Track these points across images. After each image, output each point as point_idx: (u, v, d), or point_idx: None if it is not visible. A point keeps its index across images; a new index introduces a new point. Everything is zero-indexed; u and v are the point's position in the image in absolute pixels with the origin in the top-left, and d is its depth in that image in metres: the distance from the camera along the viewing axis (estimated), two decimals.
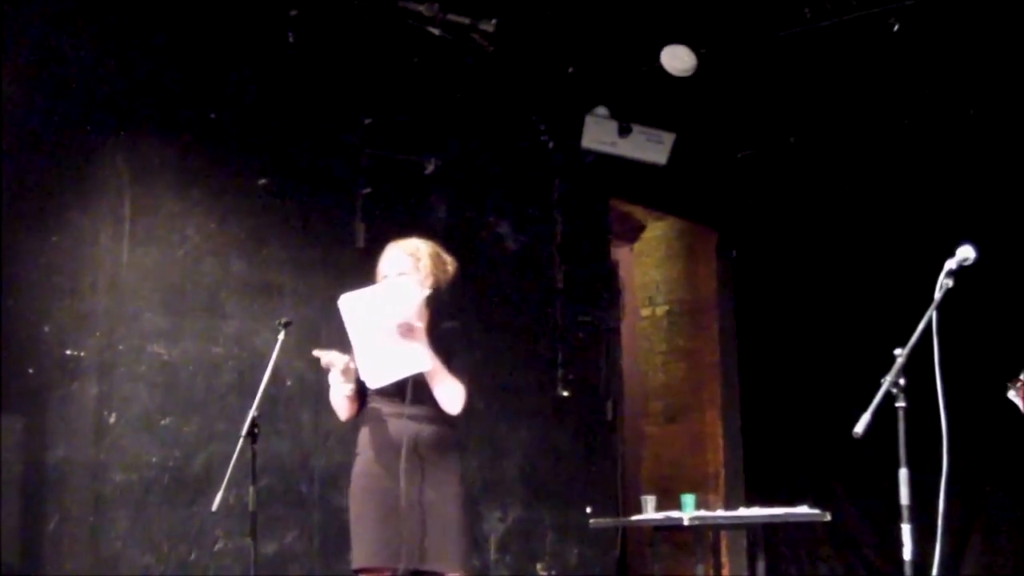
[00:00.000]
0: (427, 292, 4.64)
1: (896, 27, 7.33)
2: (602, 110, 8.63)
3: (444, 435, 4.64)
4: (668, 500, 7.16)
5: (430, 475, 4.56)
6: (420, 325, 4.54)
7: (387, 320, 4.48)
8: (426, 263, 4.76)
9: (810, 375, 9.31)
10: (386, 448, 4.59)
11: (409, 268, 4.72)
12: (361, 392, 4.71)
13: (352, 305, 4.53)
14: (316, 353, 4.66)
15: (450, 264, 4.86)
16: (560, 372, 8.29)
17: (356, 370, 4.63)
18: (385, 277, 4.74)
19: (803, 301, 9.56)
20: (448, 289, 4.82)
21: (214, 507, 4.91)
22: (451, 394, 4.59)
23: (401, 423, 4.58)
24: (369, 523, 4.57)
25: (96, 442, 6.06)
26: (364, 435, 4.70)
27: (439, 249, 4.87)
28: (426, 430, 4.59)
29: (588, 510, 8.07)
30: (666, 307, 10.37)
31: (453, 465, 4.66)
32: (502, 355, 7.84)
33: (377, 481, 4.58)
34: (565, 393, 8.28)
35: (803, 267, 9.59)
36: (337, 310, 6.97)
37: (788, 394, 9.43)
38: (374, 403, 4.68)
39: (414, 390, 4.59)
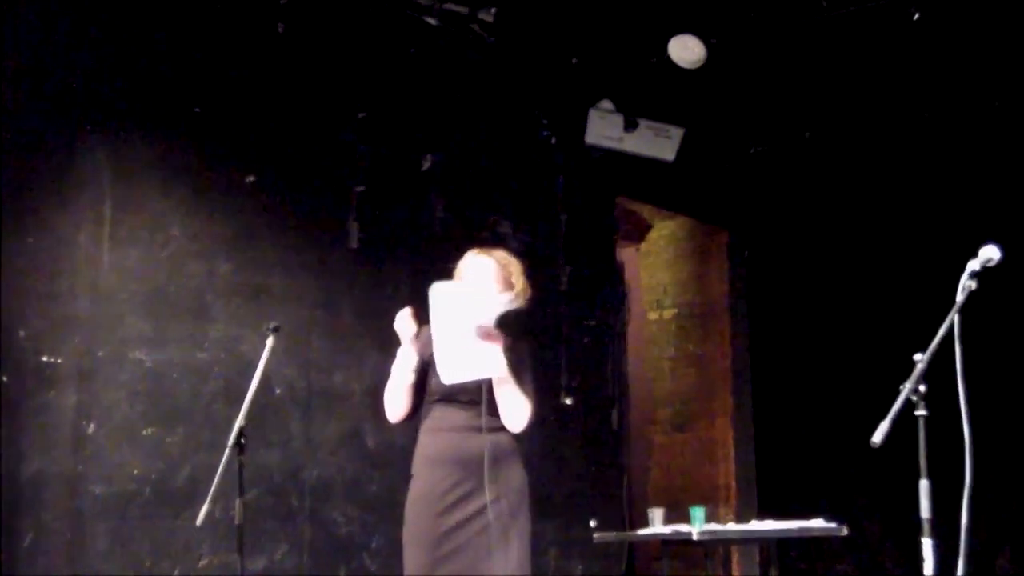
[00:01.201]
0: (517, 305, 4.62)
1: (916, 16, 7.31)
2: (607, 104, 8.62)
3: (513, 447, 4.69)
4: (677, 513, 7.14)
5: (497, 491, 4.56)
6: (498, 332, 4.57)
7: (471, 320, 4.49)
8: (518, 278, 4.84)
9: (826, 382, 9.30)
10: (454, 463, 4.59)
11: (492, 274, 4.76)
12: (418, 391, 4.70)
13: (443, 295, 4.53)
14: (399, 316, 4.63)
15: (530, 291, 4.88)
16: (564, 378, 8.29)
17: (420, 363, 4.65)
18: (468, 279, 4.76)
19: (818, 304, 9.55)
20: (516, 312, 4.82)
21: (199, 521, 4.90)
22: (518, 409, 4.63)
23: (479, 437, 4.59)
24: (422, 547, 4.57)
25: (74, 453, 6.05)
26: (430, 449, 4.68)
27: (525, 271, 4.90)
28: (503, 440, 4.64)
29: (593, 523, 8.06)
30: (675, 310, 10.36)
31: (522, 481, 4.71)
32: None
33: (444, 502, 4.57)
34: (569, 400, 8.27)
35: (818, 268, 9.59)
36: (329, 314, 7.01)
37: (803, 401, 9.42)
38: (440, 412, 4.68)
39: (490, 402, 4.61)
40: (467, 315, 4.52)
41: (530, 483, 4.75)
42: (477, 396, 4.61)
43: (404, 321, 4.65)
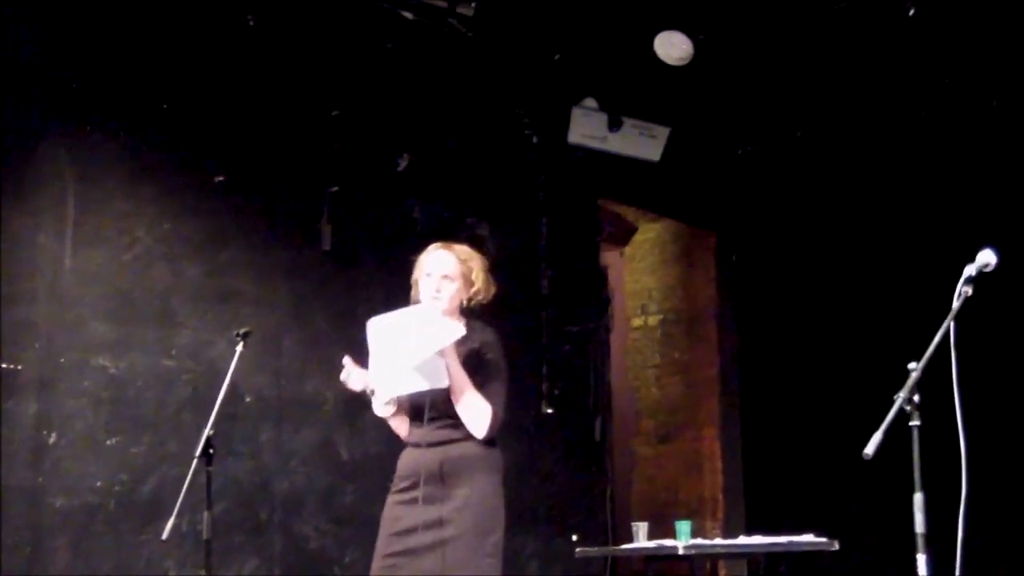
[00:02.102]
0: (462, 334, 4.58)
1: (912, 11, 7.34)
2: (591, 102, 8.63)
3: (470, 455, 4.61)
4: (662, 527, 7.15)
5: (453, 503, 4.53)
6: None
7: (418, 346, 4.49)
8: (479, 274, 4.80)
9: (817, 391, 9.32)
10: (406, 479, 4.63)
11: (456, 274, 4.74)
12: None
13: (378, 328, 4.59)
14: (346, 360, 4.67)
15: (493, 285, 4.87)
16: (545, 387, 8.29)
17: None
18: (428, 276, 4.72)
19: (810, 310, 9.57)
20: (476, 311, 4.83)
21: (165, 535, 4.90)
22: (475, 414, 4.59)
23: (419, 452, 4.61)
24: (379, 559, 4.59)
25: (35, 464, 6.03)
26: (397, 466, 4.74)
27: (489, 265, 4.90)
28: (464, 452, 4.59)
29: (575, 538, 8.06)
30: (660, 316, 10.37)
31: (483, 489, 4.59)
32: None
33: (396, 514, 4.59)
34: (550, 410, 8.27)
35: (809, 273, 9.61)
36: (301, 319, 7.01)
37: (793, 412, 9.44)
38: (411, 428, 4.73)
39: (432, 411, 4.59)
40: (410, 342, 4.50)
41: (508, 495, 4.73)
42: (437, 409, 4.60)
43: (348, 371, 4.66)
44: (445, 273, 4.72)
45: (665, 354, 10.33)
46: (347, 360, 4.69)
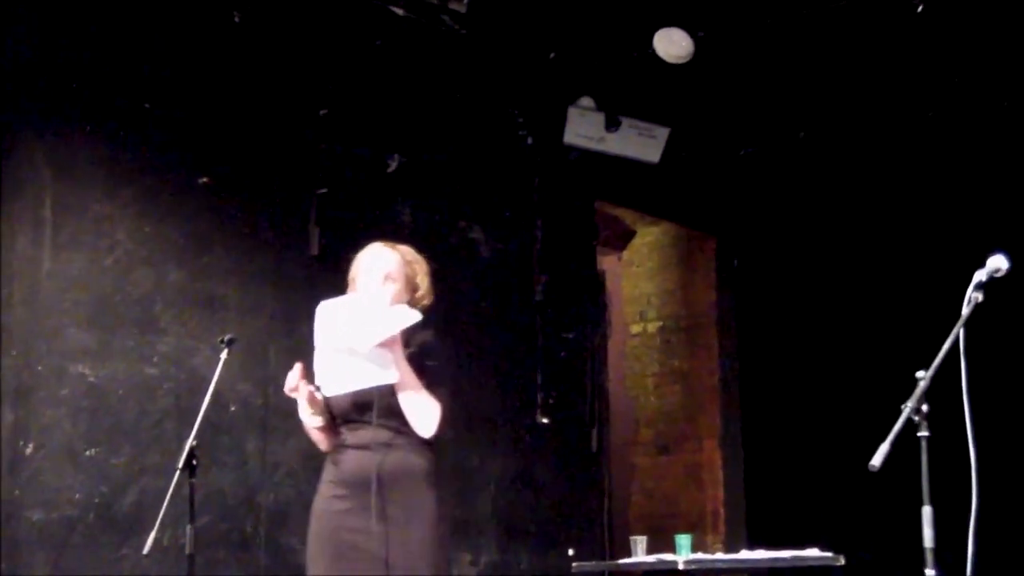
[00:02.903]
0: (420, 318, 4.55)
1: (920, 7, 7.35)
2: (587, 101, 8.64)
3: (413, 465, 4.53)
4: (661, 541, 7.15)
5: (394, 514, 4.46)
6: (396, 334, 4.50)
7: (363, 334, 4.43)
8: (423, 279, 4.76)
9: (821, 400, 9.32)
10: (346, 484, 4.54)
11: (399, 276, 4.69)
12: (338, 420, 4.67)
13: (327, 313, 4.49)
14: (296, 369, 4.59)
15: (432, 296, 4.81)
16: (539, 396, 8.29)
17: (324, 401, 4.61)
18: (368, 272, 4.68)
19: (813, 317, 9.57)
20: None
21: (146, 550, 4.87)
22: (422, 412, 4.51)
23: (365, 455, 4.53)
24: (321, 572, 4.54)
25: (10, 476, 6.01)
26: (326, 467, 4.67)
27: (431, 272, 4.85)
28: (391, 459, 4.51)
29: (571, 552, 8.07)
30: (659, 323, 10.38)
31: (424, 502, 4.52)
32: (473, 377, 7.82)
33: (334, 524, 4.54)
34: (545, 420, 8.27)
35: (813, 279, 9.61)
36: (288, 326, 6.99)
37: (796, 422, 9.44)
38: (344, 432, 4.62)
39: (381, 411, 4.53)
40: (357, 330, 4.43)
41: (502, 508, 4.73)
42: (382, 408, 4.52)
43: (294, 379, 4.57)
44: (387, 272, 4.67)
45: (664, 362, 10.34)
46: (298, 371, 4.60)
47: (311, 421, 4.65)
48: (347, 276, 4.81)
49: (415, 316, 4.50)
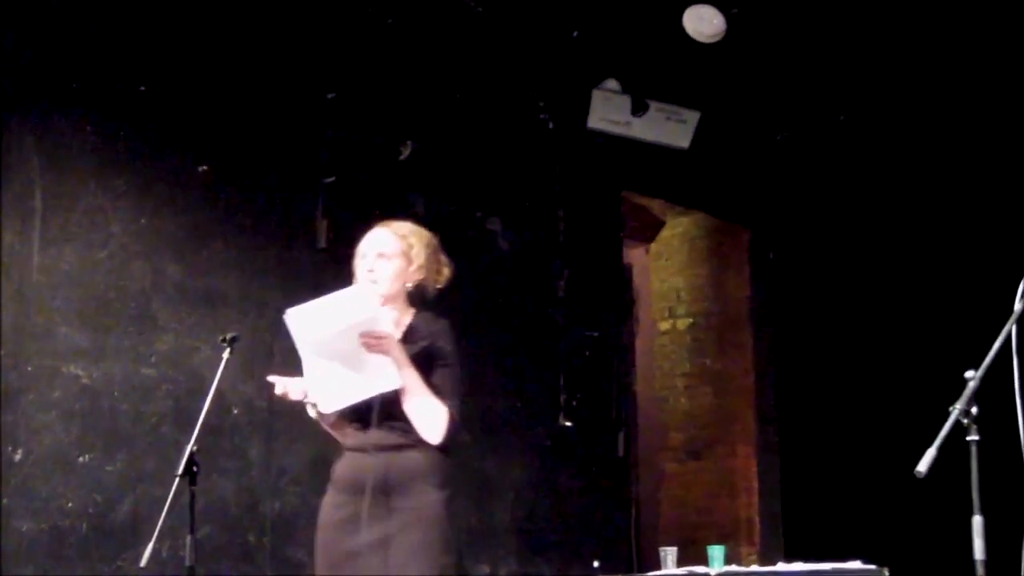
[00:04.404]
0: (385, 308, 4.56)
1: None
2: (612, 83, 8.63)
3: (418, 466, 4.53)
4: (692, 552, 7.14)
5: (397, 518, 4.48)
6: (390, 333, 4.50)
7: (345, 334, 4.43)
8: (419, 251, 4.73)
9: (863, 403, 9.29)
10: (347, 489, 4.57)
11: (394, 251, 4.68)
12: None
13: (301, 320, 4.49)
14: (271, 379, 4.63)
15: (446, 267, 4.83)
16: (562, 398, 8.28)
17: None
18: (363, 257, 4.70)
19: (853, 314, 9.55)
20: (434, 296, 4.79)
21: (143, 562, 4.86)
22: (427, 416, 4.52)
23: (364, 458, 4.55)
24: None
25: None
26: (333, 471, 4.69)
27: (438, 244, 4.84)
28: (396, 462, 4.52)
29: (595, 564, 8.04)
30: (689, 320, 10.37)
31: (429, 503, 4.52)
32: (491, 378, 7.83)
33: (331, 535, 4.58)
34: (568, 423, 8.27)
35: (853, 273, 9.58)
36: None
37: (836, 425, 9.41)
38: (348, 431, 4.65)
39: (381, 413, 4.54)
40: (341, 329, 4.44)
41: (523, 517, 4.72)
42: (385, 411, 4.54)
43: (282, 384, 4.61)
44: (380, 251, 4.67)
45: (695, 361, 10.33)
46: (273, 378, 4.63)
47: (325, 421, 4.71)
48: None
49: (385, 314, 4.52)
